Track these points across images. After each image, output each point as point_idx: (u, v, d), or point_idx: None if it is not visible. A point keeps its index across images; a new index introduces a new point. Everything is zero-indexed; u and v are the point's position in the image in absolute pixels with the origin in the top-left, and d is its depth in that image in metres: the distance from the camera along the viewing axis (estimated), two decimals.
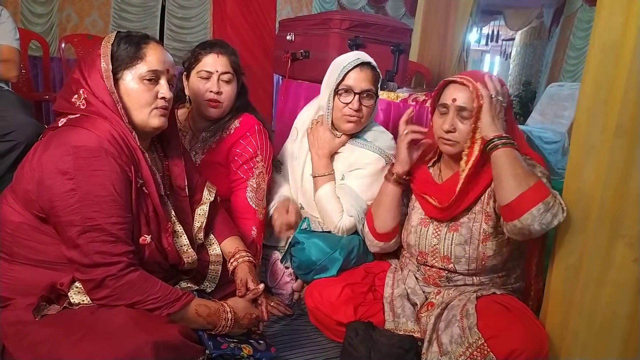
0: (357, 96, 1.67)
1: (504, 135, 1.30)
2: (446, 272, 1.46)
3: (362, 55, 1.71)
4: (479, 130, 1.34)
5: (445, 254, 1.44)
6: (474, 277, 1.44)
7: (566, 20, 7.42)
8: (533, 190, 1.23)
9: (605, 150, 1.10)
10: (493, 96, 1.33)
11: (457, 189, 1.38)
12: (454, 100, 1.37)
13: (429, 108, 1.47)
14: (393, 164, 1.56)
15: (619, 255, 1.11)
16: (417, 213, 1.52)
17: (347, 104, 1.67)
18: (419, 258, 1.51)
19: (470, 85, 1.35)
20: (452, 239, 1.42)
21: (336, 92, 1.69)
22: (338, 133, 1.75)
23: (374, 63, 1.71)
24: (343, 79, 1.67)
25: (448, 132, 1.38)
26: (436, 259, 1.46)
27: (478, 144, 1.35)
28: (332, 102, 1.70)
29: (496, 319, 1.26)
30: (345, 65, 1.67)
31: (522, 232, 1.26)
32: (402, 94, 2.23)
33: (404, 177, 1.52)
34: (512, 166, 1.26)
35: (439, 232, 1.45)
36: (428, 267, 1.49)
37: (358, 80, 1.67)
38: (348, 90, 1.67)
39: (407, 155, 1.50)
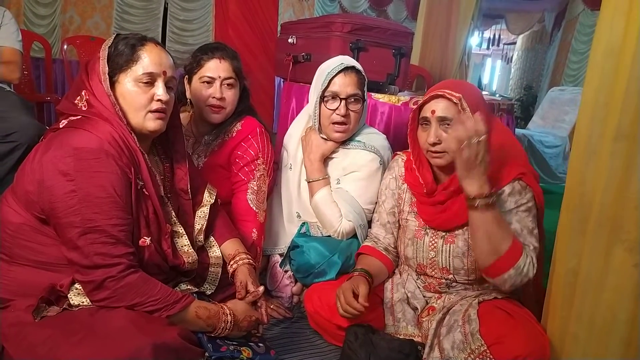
0: (343, 102, 1.64)
1: (484, 193, 1.22)
2: (446, 280, 1.46)
3: (346, 60, 1.69)
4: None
5: (444, 266, 1.44)
6: (474, 285, 1.44)
7: (568, 24, 7.43)
8: (505, 257, 1.24)
9: (606, 155, 1.10)
10: (466, 142, 1.18)
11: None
12: (433, 112, 1.36)
13: (410, 127, 1.46)
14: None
15: (618, 260, 1.10)
16: (411, 225, 1.51)
17: (334, 110, 1.65)
18: (417, 270, 1.51)
19: (447, 95, 1.34)
20: (450, 251, 1.42)
21: (322, 98, 1.66)
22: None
23: (358, 66, 1.69)
24: (328, 85, 1.64)
25: (434, 144, 1.36)
26: (435, 270, 1.46)
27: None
28: (319, 109, 1.68)
29: (498, 325, 1.26)
30: (329, 72, 1.64)
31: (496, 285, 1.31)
32: (403, 97, 2.23)
33: None
34: (487, 230, 1.24)
35: (435, 244, 1.45)
36: (427, 277, 1.50)
37: (343, 85, 1.64)
38: (334, 96, 1.65)
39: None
